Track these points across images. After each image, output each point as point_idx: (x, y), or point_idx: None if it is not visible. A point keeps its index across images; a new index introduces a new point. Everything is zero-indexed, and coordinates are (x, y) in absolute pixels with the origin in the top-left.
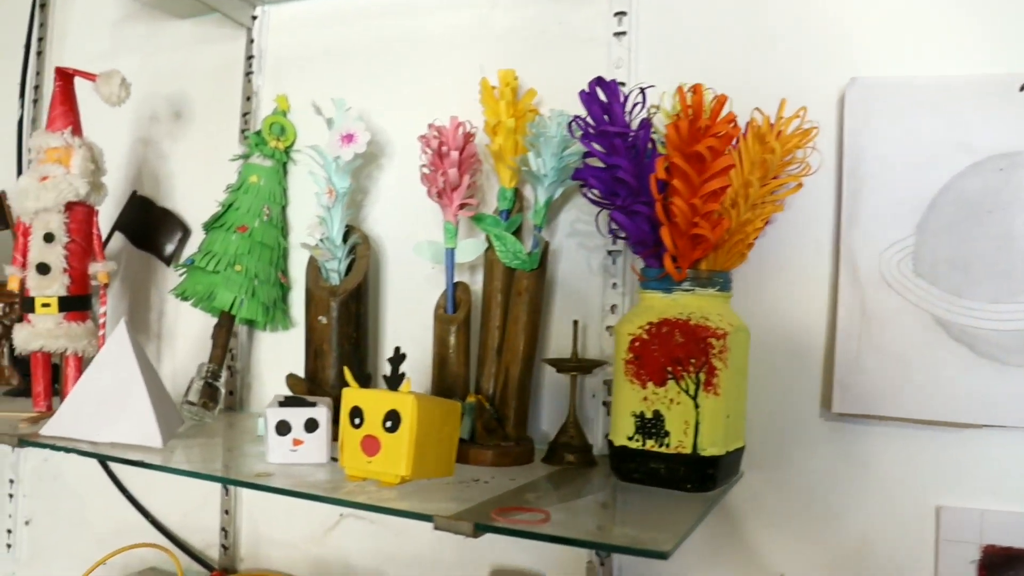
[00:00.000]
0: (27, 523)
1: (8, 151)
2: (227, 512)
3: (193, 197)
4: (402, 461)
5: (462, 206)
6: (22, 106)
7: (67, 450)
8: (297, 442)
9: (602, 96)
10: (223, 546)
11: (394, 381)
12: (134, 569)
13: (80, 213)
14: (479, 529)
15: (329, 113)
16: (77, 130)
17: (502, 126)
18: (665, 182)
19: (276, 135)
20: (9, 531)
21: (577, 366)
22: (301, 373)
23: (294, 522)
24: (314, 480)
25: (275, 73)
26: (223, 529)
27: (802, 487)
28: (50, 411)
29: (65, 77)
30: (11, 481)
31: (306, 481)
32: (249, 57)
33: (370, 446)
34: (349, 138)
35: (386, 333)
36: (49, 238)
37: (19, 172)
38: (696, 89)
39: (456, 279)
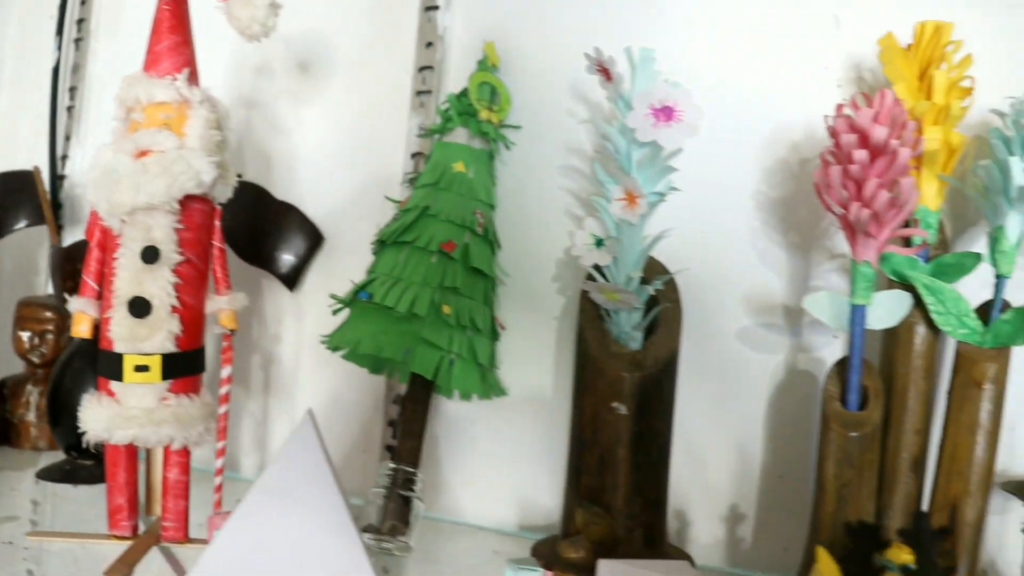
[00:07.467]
0: None
1: (40, 109)
2: None
3: (328, 189)
4: None
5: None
6: (59, 47)
7: None
8: None
9: None
10: None
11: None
12: None
13: (198, 214)
14: None
15: (617, 69)
16: (195, 75)
17: (940, 112)
18: None
19: (488, 101)
20: None
21: None
22: (539, 473)
23: None
24: None
25: (472, 9)
26: None
27: None
28: (136, 534)
29: None
30: None
31: None
32: None
33: None
34: (667, 113)
35: (689, 433)
36: (151, 255)
37: (52, 140)
38: None
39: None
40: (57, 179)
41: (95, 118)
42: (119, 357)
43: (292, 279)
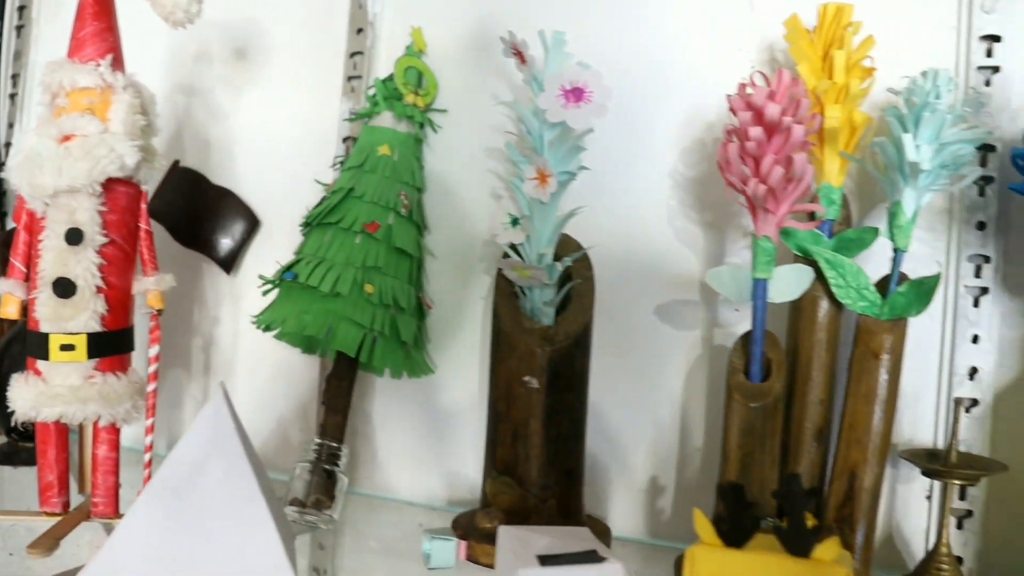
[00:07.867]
0: None
1: None
2: None
3: (265, 173)
4: None
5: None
6: (0, 34)
7: None
8: None
9: None
10: None
11: (800, 538)
12: None
13: (123, 196)
14: None
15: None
16: (119, 61)
17: (840, 91)
18: None
19: (413, 86)
20: None
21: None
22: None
23: None
24: None
25: None
26: None
27: None
28: (67, 511)
29: None
30: None
31: None
32: None
33: None
34: (576, 94)
35: (606, 407)
36: (75, 237)
37: None
38: None
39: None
40: None
41: (38, 106)
42: (45, 337)
43: (229, 262)
